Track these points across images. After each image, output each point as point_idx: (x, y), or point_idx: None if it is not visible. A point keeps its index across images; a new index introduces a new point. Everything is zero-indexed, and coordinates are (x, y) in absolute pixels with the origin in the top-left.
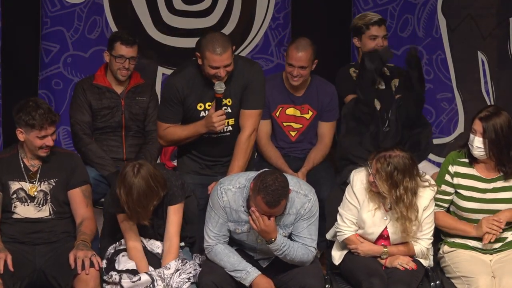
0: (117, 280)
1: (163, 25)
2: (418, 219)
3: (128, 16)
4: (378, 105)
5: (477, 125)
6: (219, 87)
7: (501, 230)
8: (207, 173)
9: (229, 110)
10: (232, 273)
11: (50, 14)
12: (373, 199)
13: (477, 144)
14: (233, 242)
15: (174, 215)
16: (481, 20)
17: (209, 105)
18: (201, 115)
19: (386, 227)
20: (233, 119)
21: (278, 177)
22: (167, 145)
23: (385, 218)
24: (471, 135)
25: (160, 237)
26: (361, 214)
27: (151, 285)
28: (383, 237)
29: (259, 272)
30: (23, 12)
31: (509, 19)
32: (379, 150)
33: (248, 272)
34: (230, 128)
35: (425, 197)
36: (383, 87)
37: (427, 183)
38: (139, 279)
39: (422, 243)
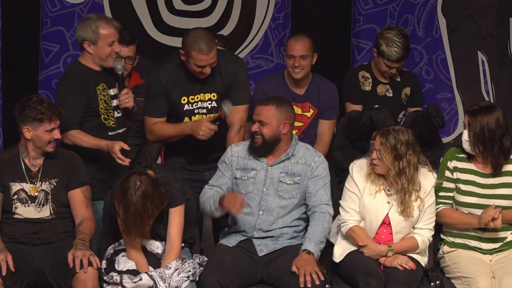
0: (118, 281)
1: (163, 25)
2: (422, 200)
3: (128, 16)
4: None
5: (465, 118)
6: (227, 110)
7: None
8: (195, 168)
9: (214, 105)
10: (210, 205)
11: (50, 14)
12: (374, 182)
13: (465, 137)
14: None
15: (175, 217)
16: (481, 20)
17: (192, 98)
18: (184, 109)
19: (387, 214)
20: (218, 114)
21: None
22: (154, 140)
23: (388, 202)
24: (463, 129)
25: (159, 238)
26: (363, 200)
27: (153, 286)
28: (384, 223)
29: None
30: (23, 12)
31: (509, 19)
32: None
33: (219, 193)
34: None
35: (428, 183)
36: (391, 95)
37: (427, 168)
38: (140, 279)
39: (424, 233)
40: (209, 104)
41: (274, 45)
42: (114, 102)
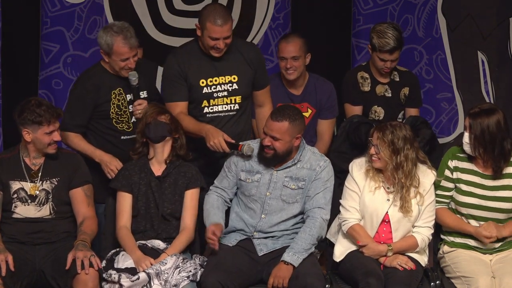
0: (116, 279)
1: (163, 25)
2: (421, 196)
3: (128, 16)
4: (381, 114)
5: (466, 121)
6: (247, 148)
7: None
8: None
9: (236, 87)
10: (206, 221)
11: (50, 14)
12: (373, 178)
13: (465, 140)
14: (241, 205)
15: (192, 201)
16: (481, 20)
17: (210, 81)
18: (203, 91)
19: (387, 212)
20: (240, 96)
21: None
22: None
23: (388, 199)
24: (464, 131)
25: (163, 220)
26: (363, 197)
27: (148, 285)
28: (384, 221)
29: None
30: (23, 12)
31: (509, 19)
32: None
33: (218, 209)
34: (237, 107)
35: (427, 181)
36: (390, 95)
37: (427, 165)
38: (138, 278)
39: (424, 232)
40: (229, 86)
41: (274, 45)
42: (131, 108)
